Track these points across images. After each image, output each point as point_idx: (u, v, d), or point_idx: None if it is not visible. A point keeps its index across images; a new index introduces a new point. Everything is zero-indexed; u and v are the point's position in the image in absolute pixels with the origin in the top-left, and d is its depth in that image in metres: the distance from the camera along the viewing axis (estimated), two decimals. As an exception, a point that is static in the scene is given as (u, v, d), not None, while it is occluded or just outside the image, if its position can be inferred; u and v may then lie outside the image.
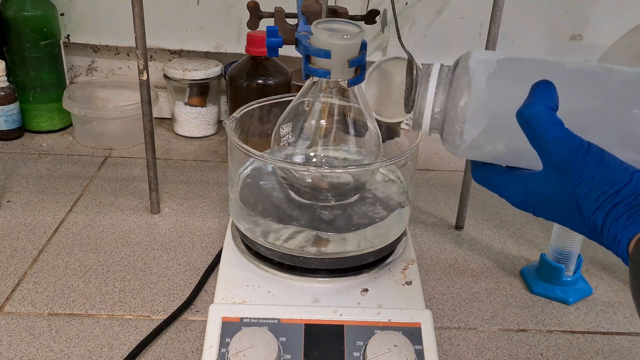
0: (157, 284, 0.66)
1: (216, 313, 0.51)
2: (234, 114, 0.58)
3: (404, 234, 0.61)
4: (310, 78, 0.53)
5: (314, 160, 0.57)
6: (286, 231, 0.55)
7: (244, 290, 0.54)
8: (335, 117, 0.56)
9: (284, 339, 0.49)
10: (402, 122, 0.44)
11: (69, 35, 1.03)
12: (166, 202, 0.82)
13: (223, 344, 0.49)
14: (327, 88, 0.54)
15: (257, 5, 0.64)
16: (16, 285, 0.65)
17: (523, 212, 0.84)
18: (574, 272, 0.68)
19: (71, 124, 1.01)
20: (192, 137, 1.02)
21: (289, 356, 0.49)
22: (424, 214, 0.83)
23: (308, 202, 0.57)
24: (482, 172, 0.40)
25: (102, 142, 0.96)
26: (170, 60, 1.03)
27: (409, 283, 0.56)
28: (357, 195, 0.58)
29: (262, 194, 0.60)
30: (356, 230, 0.55)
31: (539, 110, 0.33)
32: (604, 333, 0.63)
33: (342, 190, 0.57)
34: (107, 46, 1.07)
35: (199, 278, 0.66)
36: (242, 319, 0.50)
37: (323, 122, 0.56)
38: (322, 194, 0.56)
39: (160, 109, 1.06)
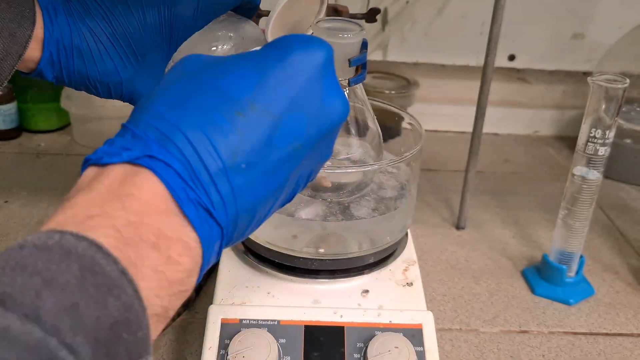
0: (156, 284, 0.66)
1: (215, 314, 0.50)
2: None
3: (405, 234, 0.60)
4: (311, 77, 0.53)
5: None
6: (286, 231, 0.54)
7: (244, 291, 0.53)
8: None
9: (283, 341, 0.49)
10: None
11: (67, 34, 1.02)
12: (165, 202, 0.81)
13: (222, 345, 0.48)
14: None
15: (256, 3, 0.63)
16: (13, 286, 0.65)
17: (524, 213, 0.84)
18: (576, 273, 0.68)
19: (69, 124, 1.00)
20: (191, 137, 1.01)
21: (288, 358, 0.48)
22: (425, 214, 0.82)
23: (308, 202, 0.56)
24: None
25: (100, 142, 0.94)
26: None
27: (410, 284, 0.55)
28: (358, 195, 0.58)
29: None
30: (357, 230, 0.55)
31: None
32: (606, 334, 0.63)
33: (344, 190, 0.56)
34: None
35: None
36: (241, 320, 0.50)
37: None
38: (323, 194, 0.56)
39: (160, 108, 1.06)
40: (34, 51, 0.45)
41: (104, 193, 0.26)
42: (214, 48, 0.47)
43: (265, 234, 0.55)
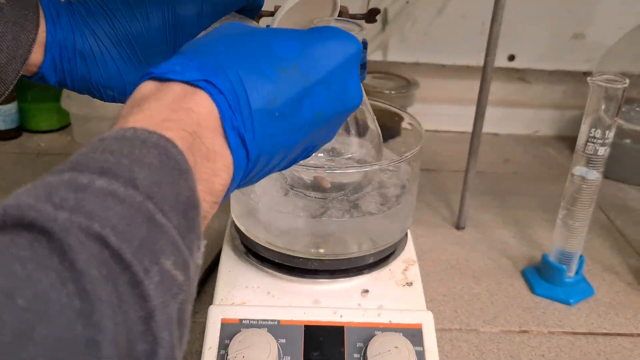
0: (156, 284, 0.66)
1: (215, 314, 0.50)
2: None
3: (405, 234, 0.60)
4: (310, 77, 0.53)
5: (315, 160, 0.56)
6: (286, 231, 0.54)
7: (244, 292, 0.53)
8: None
9: (283, 341, 0.49)
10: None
11: (67, 34, 1.02)
12: (165, 202, 0.81)
13: (222, 345, 0.48)
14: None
15: (257, 3, 0.63)
16: (14, 285, 0.65)
17: (524, 213, 0.84)
18: (576, 273, 0.68)
19: (70, 124, 1.00)
20: (191, 137, 1.01)
21: (288, 358, 0.48)
22: (425, 214, 0.83)
23: (309, 202, 0.56)
24: None
25: (101, 142, 0.95)
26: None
27: (409, 284, 0.55)
28: (358, 195, 0.58)
29: (263, 193, 0.59)
30: (357, 230, 0.55)
31: None
32: (605, 334, 0.63)
33: (344, 190, 0.56)
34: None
35: (198, 279, 0.66)
36: (241, 320, 0.50)
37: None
38: (323, 194, 0.56)
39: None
40: (36, 55, 0.45)
41: (172, 103, 0.30)
42: None
43: (265, 234, 0.55)
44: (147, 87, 0.31)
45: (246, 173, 0.33)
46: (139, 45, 0.47)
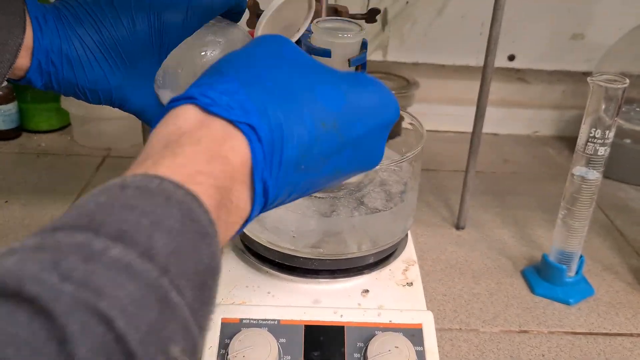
0: (156, 284, 0.66)
1: (215, 314, 0.50)
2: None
3: (406, 234, 0.60)
4: (311, 77, 0.53)
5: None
6: (286, 230, 0.54)
7: (244, 291, 0.53)
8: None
9: (283, 340, 0.49)
10: None
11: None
12: (165, 202, 0.81)
13: (222, 345, 0.48)
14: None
15: (256, 4, 0.63)
16: (14, 285, 0.65)
17: (524, 213, 0.84)
18: (576, 273, 0.68)
19: (69, 124, 1.00)
20: (191, 137, 1.01)
21: (288, 357, 0.48)
22: (425, 214, 0.83)
23: (316, 201, 0.56)
24: None
25: (100, 142, 0.95)
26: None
27: (410, 284, 0.55)
28: (358, 195, 0.58)
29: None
30: (357, 230, 0.55)
31: None
32: (605, 334, 0.63)
33: (344, 189, 0.56)
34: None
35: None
36: (241, 320, 0.50)
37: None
38: (325, 193, 0.56)
39: (160, 108, 1.06)
40: (23, 59, 0.45)
41: (210, 149, 0.28)
42: (204, 53, 0.48)
43: (265, 234, 0.55)
44: (188, 118, 0.29)
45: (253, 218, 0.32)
46: (125, 50, 0.47)
